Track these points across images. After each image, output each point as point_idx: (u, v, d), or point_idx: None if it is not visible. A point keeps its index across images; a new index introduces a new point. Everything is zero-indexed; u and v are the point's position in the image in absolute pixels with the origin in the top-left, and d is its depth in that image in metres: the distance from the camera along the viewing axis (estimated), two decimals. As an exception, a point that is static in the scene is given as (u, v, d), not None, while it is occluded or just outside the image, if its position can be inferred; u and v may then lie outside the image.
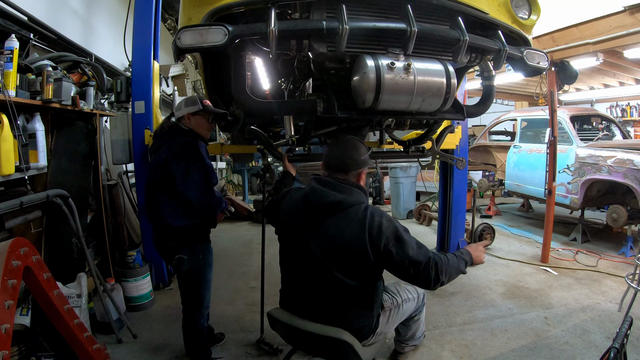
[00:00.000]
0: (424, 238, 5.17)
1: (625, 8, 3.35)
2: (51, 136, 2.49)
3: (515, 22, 1.90)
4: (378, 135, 3.32)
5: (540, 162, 4.96)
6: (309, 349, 1.84)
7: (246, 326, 2.82)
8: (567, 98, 8.13)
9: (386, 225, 1.52)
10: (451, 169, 4.12)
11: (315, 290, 1.62)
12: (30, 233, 2.31)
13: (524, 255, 4.35)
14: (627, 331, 1.56)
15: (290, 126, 2.35)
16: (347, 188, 1.59)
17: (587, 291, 3.32)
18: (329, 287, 1.57)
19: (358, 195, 1.60)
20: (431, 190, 6.86)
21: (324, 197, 1.56)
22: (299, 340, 1.76)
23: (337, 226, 1.54)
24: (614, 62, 4.78)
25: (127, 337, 2.64)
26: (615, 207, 4.20)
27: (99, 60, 3.74)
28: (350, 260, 1.53)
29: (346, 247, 1.51)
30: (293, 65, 2.11)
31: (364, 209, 1.56)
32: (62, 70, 2.66)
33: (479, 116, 2.31)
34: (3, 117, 1.91)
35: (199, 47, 1.49)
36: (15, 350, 1.75)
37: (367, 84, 1.59)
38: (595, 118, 5.33)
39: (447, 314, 2.97)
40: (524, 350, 2.45)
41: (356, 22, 1.51)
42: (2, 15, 2.42)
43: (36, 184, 2.39)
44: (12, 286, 1.37)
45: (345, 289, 1.56)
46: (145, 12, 3.27)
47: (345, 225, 1.53)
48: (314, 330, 1.57)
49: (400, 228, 1.55)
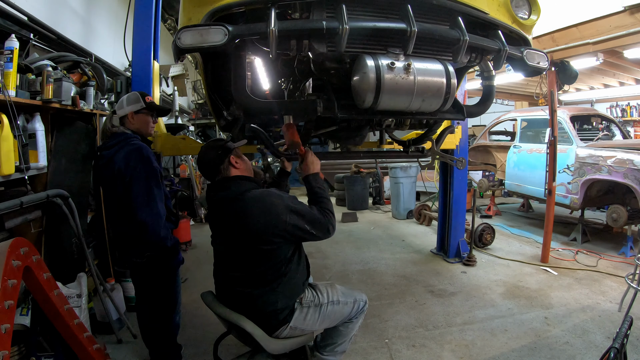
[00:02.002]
0: (424, 238, 5.18)
1: (625, 8, 3.35)
2: (51, 136, 2.49)
3: (515, 22, 1.90)
4: (378, 135, 3.32)
5: (540, 162, 4.96)
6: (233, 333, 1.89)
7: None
8: (567, 98, 8.13)
9: (277, 203, 1.63)
10: (451, 169, 4.12)
11: (226, 275, 1.76)
12: (30, 233, 2.30)
13: (524, 255, 4.35)
14: (627, 331, 1.56)
15: (291, 126, 2.35)
16: (225, 185, 1.77)
17: (587, 291, 3.32)
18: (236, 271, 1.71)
19: (239, 186, 1.73)
20: (431, 190, 6.86)
21: (215, 197, 1.80)
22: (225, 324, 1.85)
23: (231, 216, 1.68)
24: (614, 62, 4.79)
25: (127, 337, 2.64)
26: (615, 207, 4.20)
27: (99, 60, 3.74)
28: (249, 243, 1.63)
29: (243, 232, 1.63)
30: (293, 65, 2.11)
31: (252, 195, 1.68)
32: (62, 70, 2.66)
33: (479, 116, 2.31)
34: (3, 117, 1.90)
35: (199, 47, 1.49)
36: (15, 350, 1.75)
37: (367, 84, 1.59)
38: (595, 118, 5.34)
39: (447, 314, 2.97)
40: (524, 350, 2.45)
41: (356, 22, 1.51)
42: (2, 15, 2.42)
43: (36, 184, 2.38)
44: (12, 286, 1.37)
45: (250, 272, 1.67)
46: (145, 12, 3.26)
47: (239, 214, 1.65)
48: (223, 315, 1.68)
49: (289, 200, 1.67)
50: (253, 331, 1.60)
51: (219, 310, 1.71)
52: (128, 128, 2.13)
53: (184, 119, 6.76)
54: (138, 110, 2.11)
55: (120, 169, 1.95)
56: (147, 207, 1.95)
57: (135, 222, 1.94)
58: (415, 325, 2.81)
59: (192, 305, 3.08)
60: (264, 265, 1.65)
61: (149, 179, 1.97)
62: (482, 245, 4.56)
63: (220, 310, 1.70)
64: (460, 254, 4.15)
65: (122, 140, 2.05)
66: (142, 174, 1.96)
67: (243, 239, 1.64)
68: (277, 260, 1.66)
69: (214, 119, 3.27)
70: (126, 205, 1.95)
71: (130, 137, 2.06)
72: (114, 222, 2.18)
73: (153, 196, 1.98)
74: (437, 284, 3.57)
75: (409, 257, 4.41)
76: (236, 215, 1.65)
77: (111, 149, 2.04)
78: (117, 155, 1.99)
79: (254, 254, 1.64)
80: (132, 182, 1.93)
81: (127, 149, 1.99)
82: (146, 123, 2.16)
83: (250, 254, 1.65)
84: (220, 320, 1.79)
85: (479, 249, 4.52)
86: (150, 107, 2.15)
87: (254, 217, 1.60)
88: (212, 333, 2.70)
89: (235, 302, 1.71)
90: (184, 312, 3.02)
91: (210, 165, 1.82)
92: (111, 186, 2.04)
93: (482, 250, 4.53)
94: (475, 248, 4.37)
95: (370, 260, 4.32)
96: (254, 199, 1.65)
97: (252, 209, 1.61)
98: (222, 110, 2.72)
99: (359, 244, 4.98)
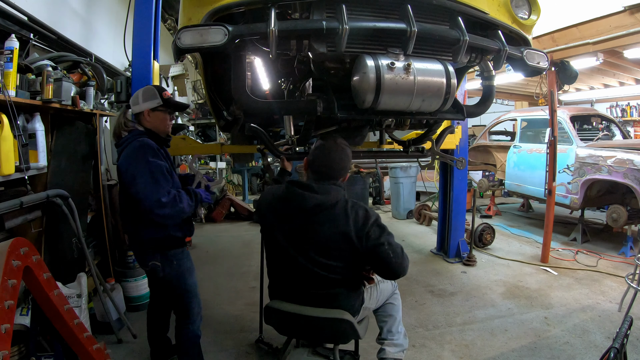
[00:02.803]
0: (424, 238, 5.17)
1: (625, 8, 3.35)
2: (51, 136, 2.49)
3: (515, 22, 1.90)
4: (378, 135, 3.32)
5: (540, 162, 4.96)
6: (307, 335, 1.90)
7: (246, 326, 2.82)
8: (567, 98, 8.13)
9: (368, 215, 1.62)
10: (451, 169, 4.13)
11: (307, 280, 1.69)
12: (30, 233, 2.30)
13: (524, 255, 4.35)
14: (627, 331, 1.56)
15: (290, 126, 2.36)
16: (325, 188, 1.63)
17: (587, 291, 3.32)
18: (321, 278, 1.65)
19: (336, 193, 1.65)
20: (431, 190, 6.86)
21: (307, 200, 1.60)
22: (296, 328, 1.82)
23: (323, 224, 1.61)
24: (614, 62, 4.79)
25: (127, 337, 2.63)
26: (615, 207, 4.20)
27: (99, 60, 3.73)
28: (339, 252, 1.61)
29: (333, 241, 1.60)
30: (293, 65, 2.11)
31: (344, 204, 1.63)
32: (62, 70, 2.66)
33: (479, 116, 2.31)
34: (3, 117, 1.90)
35: (199, 47, 1.49)
36: (15, 350, 1.75)
37: (367, 84, 1.59)
38: (595, 118, 5.33)
39: (447, 314, 2.97)
40: (524, 350, 2.45)
41: (356, 22, 1.52)
42: (2, 15, 2.42)
43: (36, 184, 2.38)
44: (12, 286, 1.37)
45: (336, 278, 1.65)
46: (145, 12, 3.26)
47: (332, 222, 1.60)
48: (317, 314, 1.65)
49: (378, 217, 1.66)
50: (353, 321, 1.67)
51: (308, 312, 1.66)
52: (143, 125, 2.00)
53: (184, 119, 6.76)
54: (155, 107, 1.96)
55: (122, 168, 1.87)
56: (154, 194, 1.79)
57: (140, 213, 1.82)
58: (415, 325, 2.80)
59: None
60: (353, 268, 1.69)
61: (153, 174, 1.81)
62: (482, 245, 4.56)
63: (309, 311, 1.66)
64: (460, 254, 4.15)
65: (130, 137, 1.95)
66: (146, 170, 1.80)
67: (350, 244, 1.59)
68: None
69: (214, 119, 3.26)
70: (134, 203, 1.83)
71: (137, 134, 1.94)
72: (126, 222, 2.08)
73: (160, 186, 1.81)
74: (437, 284, 3.57)
75: (409, 257, 4.39)
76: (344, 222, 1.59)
77: (122, 146, 1.96)
78: (123, 153, 1.91)
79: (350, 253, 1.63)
80: (136, 181, 1.80)
81: (129, 148, 1.89)
82: (163, 121, 2.01)
83: (352, 259, 1.63)
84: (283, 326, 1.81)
85: (479, 249, 4.52)
86: (168, 104, 1.99)
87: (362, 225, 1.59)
88: (211, 333, 2.70)
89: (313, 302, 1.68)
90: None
91: (342, 166, 1.69)
92: (120, 186, 1.98)
93: (482, 250, 4.53)
94: (475, 248, 4.37)
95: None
96: (353, 205, 1.64)
97: (358, 216, 1.61)
98: (222, 110, 2.73)
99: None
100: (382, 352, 1.98)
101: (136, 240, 2.01)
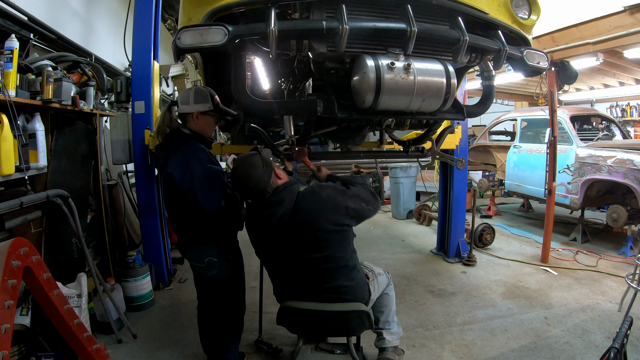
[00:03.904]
0: (424, 238, 5.17)
1: (625, 8, 3.35)
2: (51, 136, 2.49)
3: (515, 22, 1.90)
4: (378, 135, 3.32)
5: (540, 162, 4.96)
6: (323, 331, 1.96)
7: (246, 326, 2.78)
8: (567, 98, 8.13)
9: (330, 194, 1.72)
10: (451, 169, 4.12)
11: (313, 278, 1.76)
12: (30, 233, 2.30)
13: (524, 255, 4.35)
14: (627, 331, 1.56)
15: (290, 126, 2.35)
16: (277, 198, 1.72)
17: (587, 291, 3.32)
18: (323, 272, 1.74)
19: (291, 194, 1.74)
20: (431, 190, 6.86)
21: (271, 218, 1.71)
22: (313, 325, 1.87)
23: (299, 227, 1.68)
24: (614, 62, 4.79)
25: (127, 337, 2.63)
26: (615, 207, 4.19)
27: (99, 60, 3.74)
28: (327, 242, 1.71)
29: (320, 231, 1.69)
30: (293, 65, 2.11)
31: (304, 196, 1.73)
32: (62, 70, 2.67)
33: (479, 116, 2.31)
34: (3, 117, 1.91)
35: (199, 47, 1.50)
36: (15, 350, 1.75)
37: (367, 84, 1.59)
38: (595, 118, 5.33)
39: (447, 314, 2.97)
40: (524, 350, 2.45)
41: (356, 22, 1.52)
42: (2, 15, 2.42)
43: (36, 184, 2.39)
44: (12, 286, 1.37)
45: (337, 266, 1.75)
46: (145, 12, 3.27)
47: (307, 219, 1.68)
48: (337, 309, 1.74)
49: (337, 187, 1.79)
50: (370, 312, 1.78)
51: (327, 307, 1.73)
52: (188, 127, 1.99)
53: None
54: (205, 111, 1.97)
55: (175, 174, 1.85)
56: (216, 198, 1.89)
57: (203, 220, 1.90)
58: (415, 325, 2.80)
59: (193, 304, 3.08)
60: (348, 250, 1.80)
61: (211, 180, 1.88)
62: (482, 245, 4.56)
63: (329, 307, 1.73)
64: (460, 254, 4.15)
65: (177, 142, 1.94)
66: (204, 177, 1.86)
67: (325, 232, 1.68)
68: (351, 242, 1.85)
69: (214, 119, 3.26)
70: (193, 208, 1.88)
71: (184, 139, 1.94)
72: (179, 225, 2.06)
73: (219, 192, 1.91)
74: (437, 284, 3.57)
75: (409, 257, 4.41)
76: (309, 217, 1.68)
77: (167, 149, 1.94)
78: (170, 158, 1.91)
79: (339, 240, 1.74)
80: (195, 188, 1.83)
81: (181, 154, 1.89)
82: (211, 125, 2.03)
83: (335, 241, 1.72)
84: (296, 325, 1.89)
85: (479, 249, 4.52)
86: (218, 109, 2.00)
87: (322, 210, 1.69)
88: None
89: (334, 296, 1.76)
90: (184, 311, 3.03)
91: (261, 187, 1.72)
92: (169, 192, 1.98)
93: (482, 250, 4.53)
94: (475, 248, 4.37)
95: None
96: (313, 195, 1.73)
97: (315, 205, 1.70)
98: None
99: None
100: (382, 340, 2.15)
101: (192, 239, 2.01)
